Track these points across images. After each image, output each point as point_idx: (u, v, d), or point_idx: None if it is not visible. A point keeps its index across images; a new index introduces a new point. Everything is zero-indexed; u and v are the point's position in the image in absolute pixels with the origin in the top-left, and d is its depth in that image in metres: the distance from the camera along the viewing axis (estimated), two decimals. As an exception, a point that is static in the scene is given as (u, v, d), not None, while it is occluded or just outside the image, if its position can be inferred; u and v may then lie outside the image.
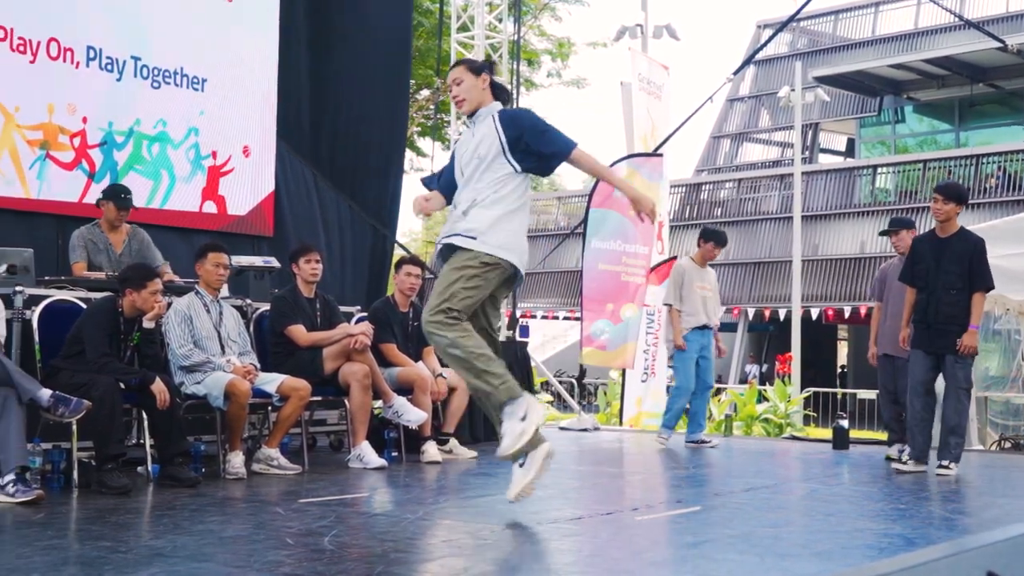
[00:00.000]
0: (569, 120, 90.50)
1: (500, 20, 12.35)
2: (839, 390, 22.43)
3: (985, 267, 7.57)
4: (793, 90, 23.35)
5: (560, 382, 17.47)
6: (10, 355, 6.29)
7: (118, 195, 7.73)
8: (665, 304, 9.68)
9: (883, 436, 9.95)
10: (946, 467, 7.43)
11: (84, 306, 6.58)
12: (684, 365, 9.38)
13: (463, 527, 5.10)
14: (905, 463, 7.65)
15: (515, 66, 13.20)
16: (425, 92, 20.75)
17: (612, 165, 11.61)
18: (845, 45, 35.64)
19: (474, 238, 5.26)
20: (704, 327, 9.36)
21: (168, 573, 3.87)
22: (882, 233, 9.11)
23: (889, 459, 8.46)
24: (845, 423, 9.76)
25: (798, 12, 15.60)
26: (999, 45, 22.76)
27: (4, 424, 5.56)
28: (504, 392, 5.10)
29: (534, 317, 32.22)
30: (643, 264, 11.75)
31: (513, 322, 12.14)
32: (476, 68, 5.53)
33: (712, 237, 9.55)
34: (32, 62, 8.37)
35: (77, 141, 8.70)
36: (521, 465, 5.13)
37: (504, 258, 5.27)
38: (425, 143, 23.19)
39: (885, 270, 8.93)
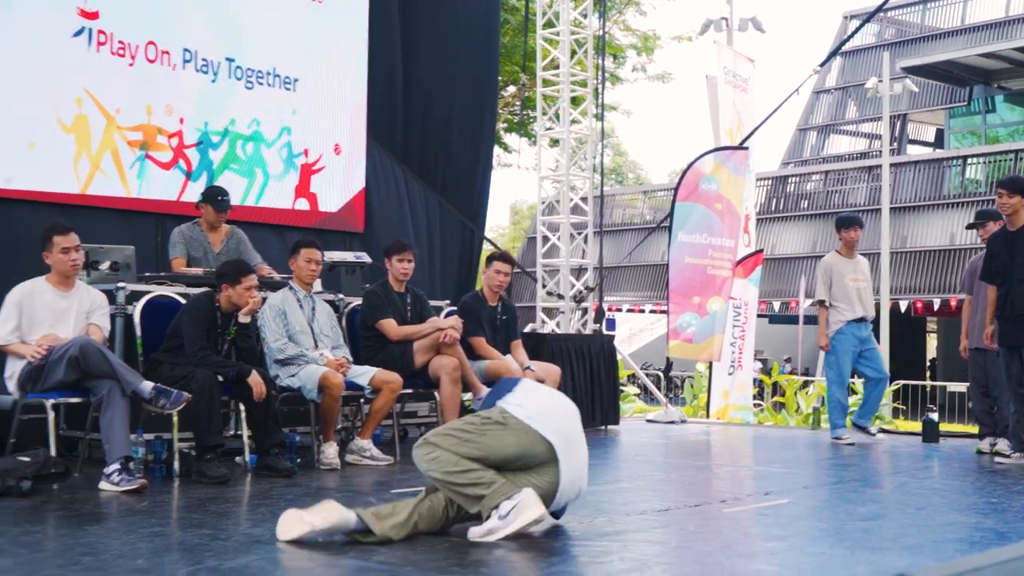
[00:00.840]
0: (654, 115, 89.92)
1: (585, 15, 12.32)
2: (928, 383, 22.04)
3: None
4: (881, 81, 22.97)
5: (647, 375, 17.39)
6: (113, 349, 6.43)
7: (215, 198, 7.85)
8: (816, 301, 9.39)
9: (974, 429, 9.77)
10: (1007, 456, 7.47)
11: (183, 301, 6.69)
12: (836, 359, 9.10)
13: (551, 517, 5.10)
14: (1008, 455, 7.54)
15: (600, 61, 13.16)
16: (511, 88, 20.75)
17: (698, 159, 11.56)
18: (934, 35, 34.92)
19: None
20: (861, 319, 9.10)
21: (266, 560, 3.93)
22: (969, 226, 8.93)
23: (980, 452, 8.31)
24: (935, 416, 9.60)
25: (886, 2, 15.32)
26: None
27: (108, 415, 5.69)
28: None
29: (620, 310, 32.10)
30: (729, 257, 11.66)
31: (600, 315, 12.12)
32: None
33: (841, 224, 9.38)
34: (131, 65, 8.53)
35: (175, 141, 8.85)
36: (501, 518, 4.47)
37: None
38: (511, 139, 23.19)
39: (975, 263, 8.76)
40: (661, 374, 17.94)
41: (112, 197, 8.40)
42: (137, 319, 6.60)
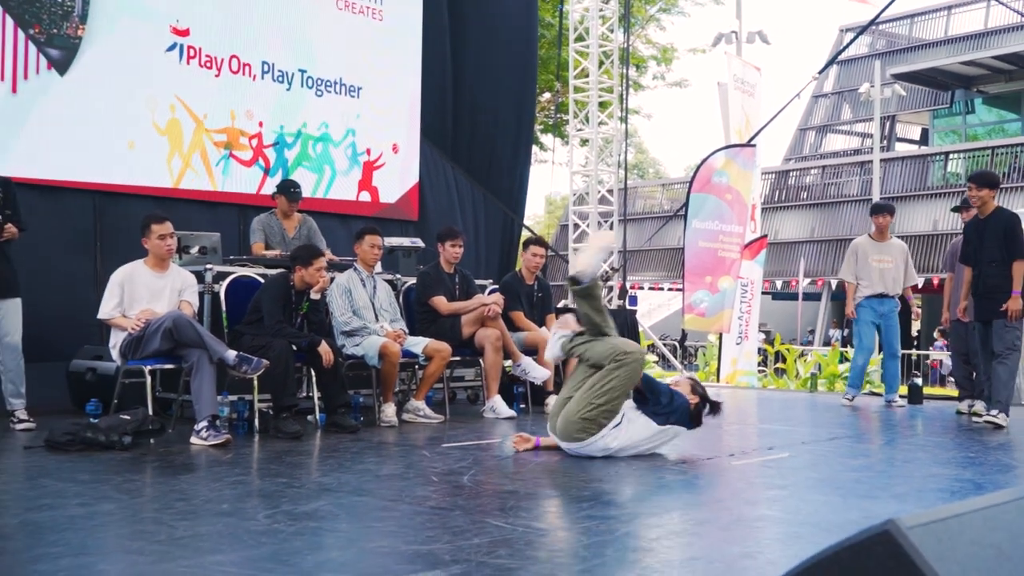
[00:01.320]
0: (673, 116, 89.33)
1: (611, 30, 12.22)
2: (913, 352, 21.80)
3: (1019, 238, 7.32)
4: (872, 86, 22.67)
5: (664, 344, 17.31)
6: (202, 322, 6.47)
7: (288, 189, 7.87)
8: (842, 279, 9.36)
9: (954, 393, 9.65)
10: (994, 416, 7.27)
11: (262, 281, 6.72)
12: (858, 329, 9.04)
13: (583, 470, 5.10)
14: (994, 415, 7.32)
15: (625, 70, 13.07)
16: (547, 95, 20.66)
17: (711, 155, 11.44)
18: (920, 45, 34.39)
19: None
20: (882, 295, 8.95)
21: (334, 505, 3.95)
22: (954, 209, 8.80)
23: (959, 413, 8.22)
24: (919, 381, 9.49)
25: (877, 16, 15.10)
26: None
27: (198, 380, 5.73)
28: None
29: (642, 288, 31.98)
30: (738, 242, 11.57)
31: (623, 293, 12.08)
32: None
33: (874, 210, 9.27)
34: (217, 76, 8.57)
35: (254, 142, 8.89)
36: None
37: None
38: (547, 139, 23.12)
39: (956, 244, 8.64)
40: (677, 344, 17.84)
41: (200, 191, 8.45)
42: (223, 296, 6.63)
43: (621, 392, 5.36)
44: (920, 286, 26.56)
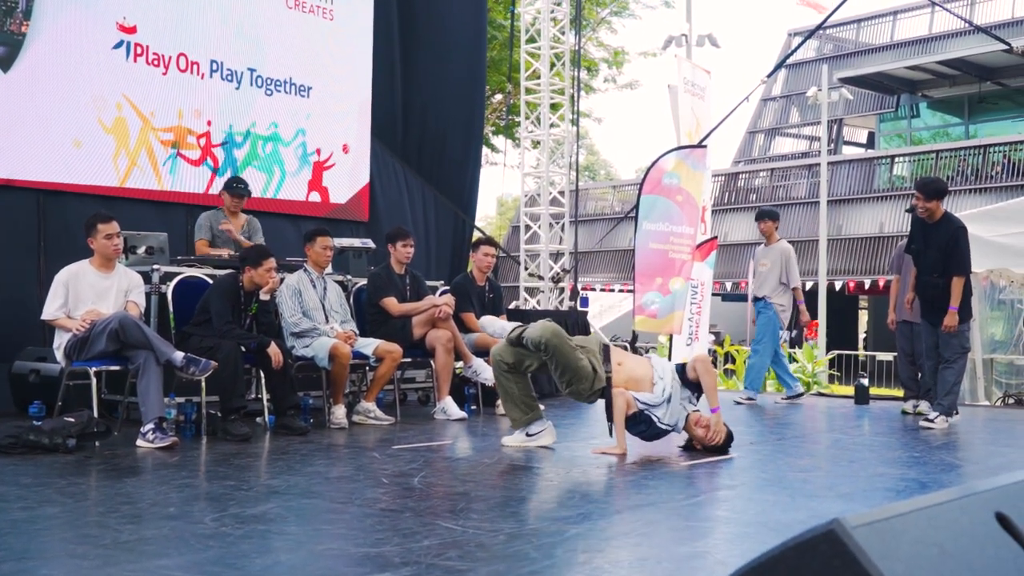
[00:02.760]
0: (624, 119, 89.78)
1: (563, 32, 12.26)
2: (860, 352, 22.11)
3: (960, 253, 7.26)
4: (820, 90, 22.94)
5: (616, 345, 17.42)
6: (149, 323, 6.40)
7: (231, 184, 7.84)
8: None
9: (899, 393, 9.80)
10: (930, 421, 7.28)
11: (211, 281, 6.67)
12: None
13: (532, 470, 5.11)
14: (932, 420, 7.33)
15: (576, 72, 13.12)
16: (498, 96, 20.67)
17: (661, 157, 11.47)
18: (866, 49, 34.91)
19: None
20: (755, 298, 9.34)
21: (283, 508, 3.92)
22: (908, 210, 8.85)
23: (905, 413, 8.34)
24: (865, 381, 9.62)
25: (825, 21, 15.31)
26: (1005, 47, 22.18)
27: (144, 381, 5.66)
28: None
29: (593, 290, 32.12)
30: (688, 243, 11.61)
31: (575, 294, 12.11)
32: None
33: (756, 217, 9.51)
34: (164, 74, 8.47)
35: (203, 141, 8.80)
36: (528, 435, 5.78)
37: None
38: (499, 141, 23.13)
39: (901, 247, 8.76)
40: (628, 345, 17.97)
41: (147, 190, 8.35)
42: (170, 297, 6.56)
43: (567, 364, 5.56)
44: (867, 287, 27.07)
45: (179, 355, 5.78)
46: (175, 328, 6.48)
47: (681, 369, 5.85)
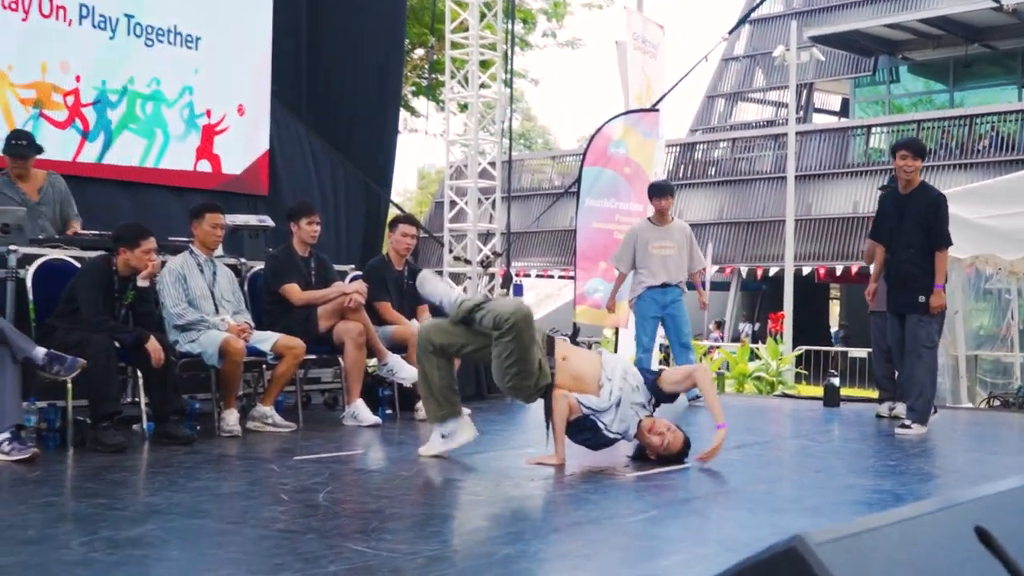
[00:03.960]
0: (565, 80, 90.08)
1: (495, -22, 12.26)
2: (831, 348, 22.49)
3: (942, 224, 7.41)
4: (788, 49, 23.23)
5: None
6: (4, 314, 6.29)
7: (9, 141, 7.40)
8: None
9: (874, 394, 9.98)
10: (908, 427, 7.33)
11: (78, 265, 6.56)
12: (639, 325, 9.44)
13: (456, 484, 5.11)
14: (909, 426, 7.37)
15: (510, 26, 13.12)
16: (419, 51, 20.60)
17: (608, 122, 11.53)
18: (841, 4, 35.39)
19: None
20: (665, 285, 9.19)
21: (164, 529, 3.88)
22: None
23: (879, 416, 8.49)
24: (836, 381, 9.78)
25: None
26: (994, 5, 22.70)
27: (-1, 383, 5.56)
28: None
29: (528, 276, 32.21)
30: (637, 222, 11.72)
31: (507, 281, 12.13)
32: None
33: (653, 192, 9.46)
34: (24, 20, 8.30)
35: (70, 100, 8.65)
36: (443, 436, 5.73)
37: None
38: (420, 103, 23.06)
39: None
40: (568, 339, 18.11)
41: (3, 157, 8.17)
42: (30, 283, 6.43)
43: (522, 355, 5.50)
44: (839, 274, 27.55)
45: (41, 351, 5.68)
46: (36, 320, 6.36)
47: (653, 378, 5.86)
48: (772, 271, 27.36)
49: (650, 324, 9.35)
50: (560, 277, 32.80)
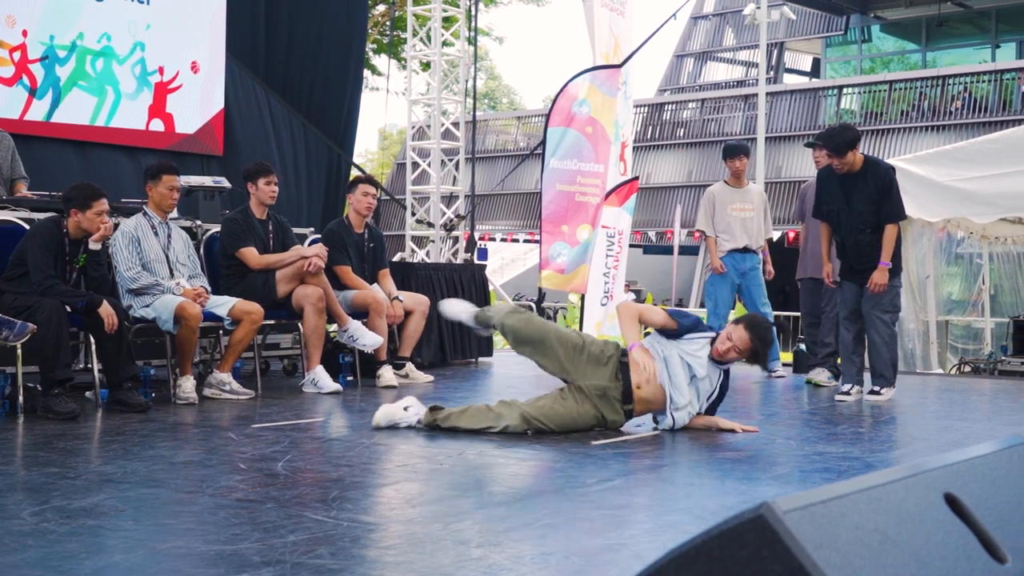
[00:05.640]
0: (530, 39, 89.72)
1: (458, -68, 12.18)
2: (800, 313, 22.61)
3: (894, 198, 7.30)
4: (758, 7, 23.22)
5: (522, 304, 17.53)
6: (-49, 277, 6.22)
7: None
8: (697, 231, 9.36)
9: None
10: (877, 392, 7.44)
11: (27, 227, 6.50)
12: (714, 290, 9.16)
13: (419, 452, 5.13)
14: (848, 393, 7.50)
15: (473, -20, 13.04)
16: (381, 7, 20.45)
17: (571, 80, 11.47)
18: (813, -40, 35.46)
19: None
20: (746, 249, 9.09)
21: (118, 499, 3.87)
22: (807, 144, 8.66)
23: (809, 382, 8.55)
24: (804, 347, 9.81)
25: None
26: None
27: (-54, 348, 5.52)
28: None
29: (493, 240, 32.23)
30: (599, 184, 11.68)
31: (471, 245, 12.12)
32: None
33: (728, 152, 9.26)
34: (-32, -28, 8.18)
35: (17, 55, 8.54)
36: (406, 408, 5.75)
37: None
38: (381, 61, 22.90)
39: (805, 191, 8.89)
40: (533, 305, 18.13)
41: (-52, 115, 8.08)
42: (-24, 246, 6.39)
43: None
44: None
45: (-11, 316, 5.64)
46: (-17, 284, 6.30)
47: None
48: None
49: (728, 291, 9.14)
50: (526, 241, 32.84)
